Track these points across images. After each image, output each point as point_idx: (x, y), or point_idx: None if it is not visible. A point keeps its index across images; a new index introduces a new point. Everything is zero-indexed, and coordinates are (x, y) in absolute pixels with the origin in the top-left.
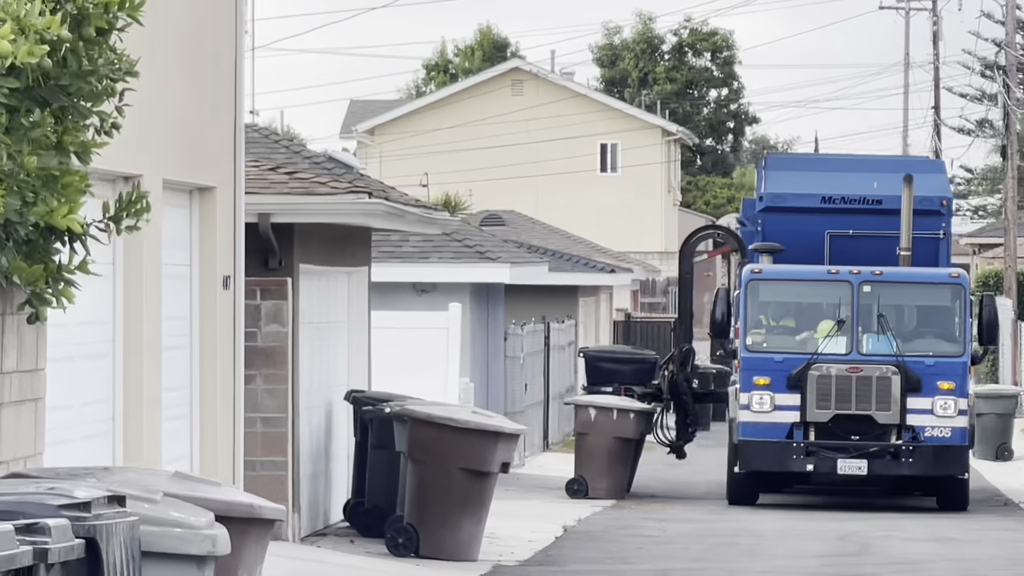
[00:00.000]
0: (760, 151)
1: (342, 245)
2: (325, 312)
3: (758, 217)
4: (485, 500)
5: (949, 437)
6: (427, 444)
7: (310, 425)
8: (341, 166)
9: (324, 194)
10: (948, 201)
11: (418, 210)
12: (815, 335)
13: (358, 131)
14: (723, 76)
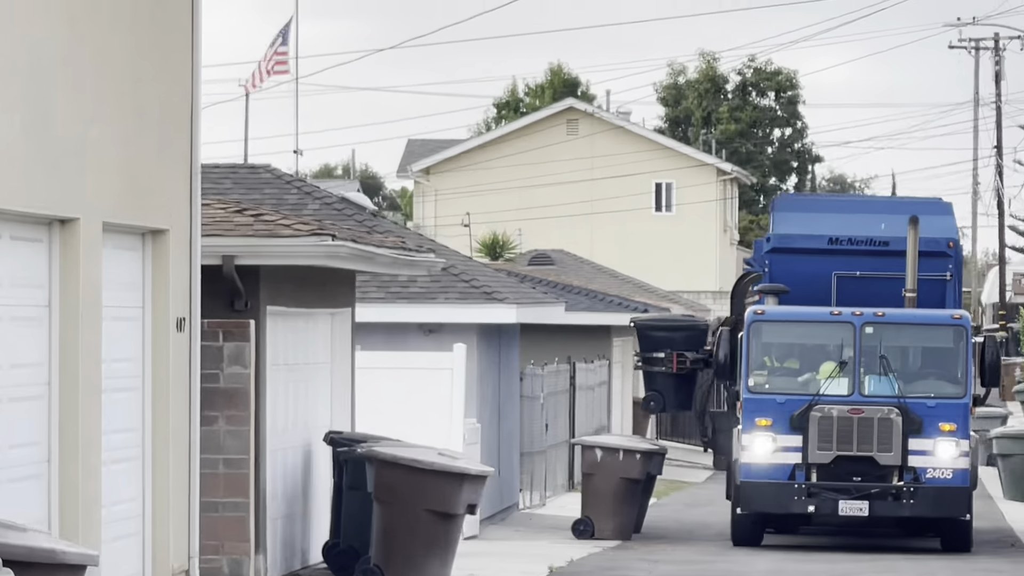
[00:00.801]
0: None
1: (321, 287)
2: (303, 353)
3: (765, 258)
4: (451, 541)
5: (951, 479)
6: (393, 485)
7: (284, 466)
8: (354, 207)
9: (287, 236)
10: (955, 243)
11: (393, 252)
12: (817, 376)
13: (412, 171)
14: (787, 115)
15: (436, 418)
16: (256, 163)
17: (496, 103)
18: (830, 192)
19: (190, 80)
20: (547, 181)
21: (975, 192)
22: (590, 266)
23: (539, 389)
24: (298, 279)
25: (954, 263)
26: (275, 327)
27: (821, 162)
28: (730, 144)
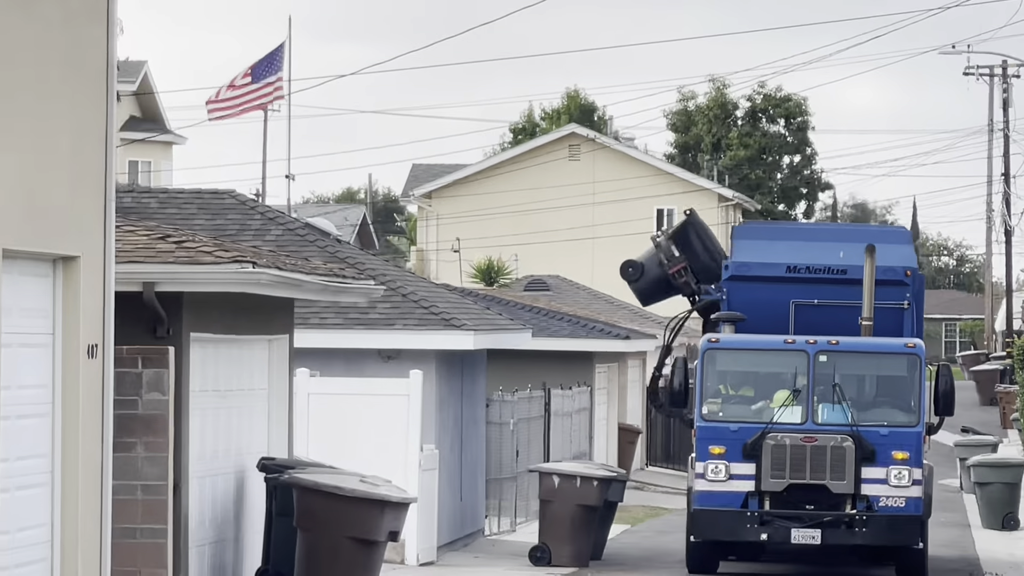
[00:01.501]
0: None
1: (255, 313)
2: (238, 379)
3: (724, 286)
4: (373, 569)
5: (903, 507)
6: (314, 512)
7: (214, 492)
8: (317, 232)
9: (208, 263)
10: (913, 271)
11: (324, 280)
12: (771, 404)
13: (414, 196)
14: (796, 142)
15: (393, 444)
16: (221, 189)
17: (512, 128)
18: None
19: (104, 108)
20: (549, 206)
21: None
22: (586, 292)
23: (509, 415)
24: (229, 306)
25: (912, 292)
26: (203, 353)
27: (830, 189)
28: (739, 170)
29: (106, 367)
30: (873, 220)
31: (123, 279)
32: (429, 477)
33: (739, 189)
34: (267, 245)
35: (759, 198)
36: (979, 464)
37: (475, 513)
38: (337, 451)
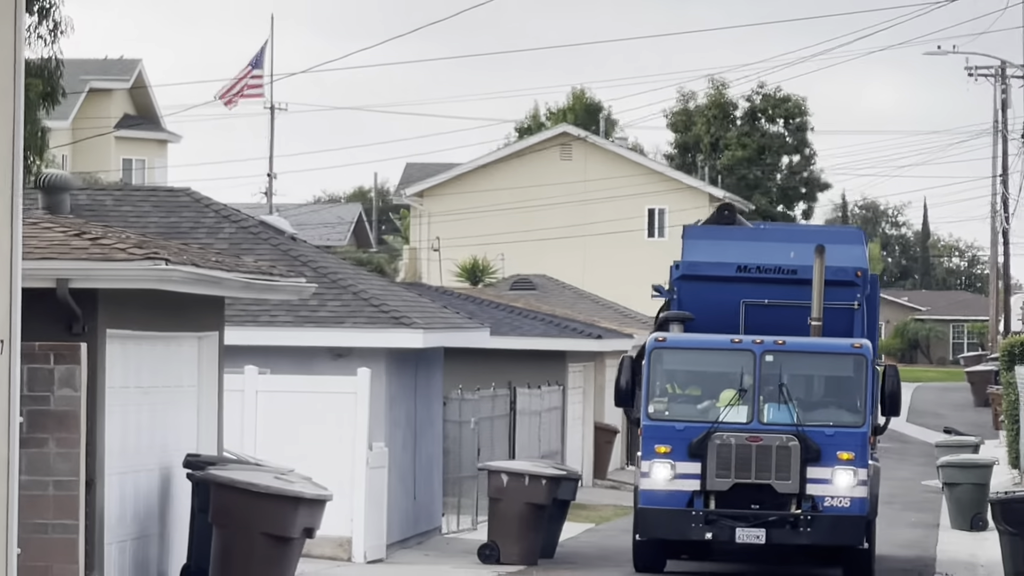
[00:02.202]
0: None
1: (182, 311)
2: (164, 376)
3: (674, 285)
4: (288, 565)
5: (848, 507)
6: (229, 509)
7: (136, 488)
8: (272, 230)
9: (121, 260)
10: (863, 272)
11: (246, 277)
12: (717, 404)
13: (406, 194)
14: (795, 143)
15: (341, 442)
16: (176, 187)
17: (518, 127)
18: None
19: (11, 106)
20: (541, 205)
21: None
22: (573, 291)
23: (470, 413)
24: (151, 303)
25: (863, 292)
26: (123, 350)
27: (829, 189)
28: (737, 170)
29: (12, 363)
30: (884, 221)
31: (37, 275)
32: (378, 475)
33: (737, 189)
34: (220, 243)
35: (758, 198)
36: (948, 465)
37: (431, 511)
38: (285, 449)
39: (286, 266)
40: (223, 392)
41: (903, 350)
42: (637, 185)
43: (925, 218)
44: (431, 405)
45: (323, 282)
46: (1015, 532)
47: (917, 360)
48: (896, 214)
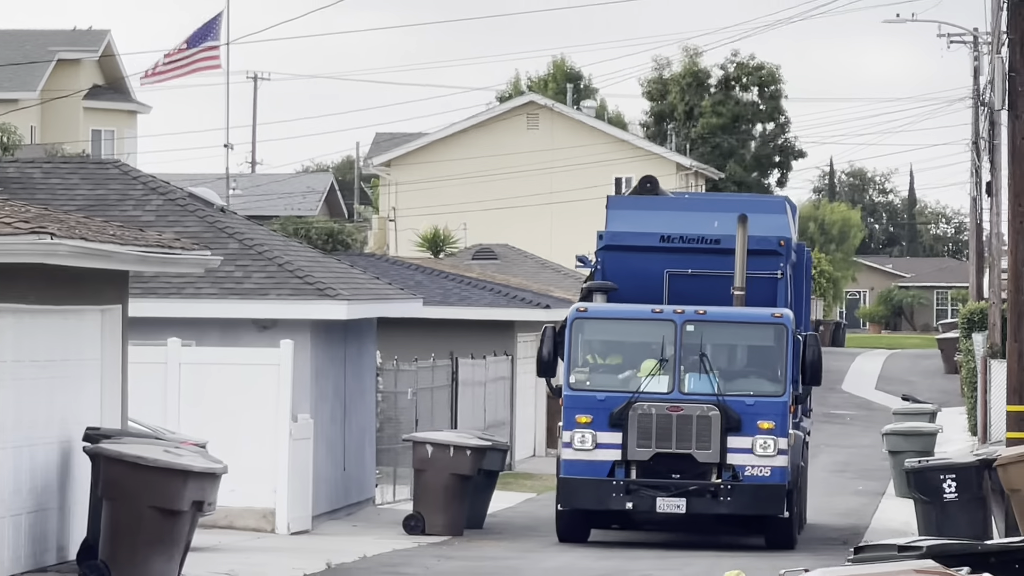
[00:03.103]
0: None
1: (80, 284)
2: (61, 349)
3: (598, 255)
4: (177, 538)
5: (768, 476)
6: (118, 482)
7: (32, 462)
8: (200, 202)
9: (7, 234)
10: (787, 241)
11: (142, 251)
12: (638, 374)
13: (373, 164)
14: (769, 110)
15: (265, 414)
16: (105, 159)
17: (499, 96)
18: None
19: None
20: (507, 174)
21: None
22: (535, 261)
23: (407, 384)
24: (48, 277)
25: (787, 261)
26: (16, 323)
27: (804, 157)
28: (712, 139)
29: None
30: (872, 188)
31: None
32: (302, 447)
33: (711, 157)
34: (146, 215)
35: (732, 166)
36: (892, 433)
37: (363, 482)
38: (210, 421)
39: (211, 237)
40: (127, 365)
41: (887, 317)
42: (604, 154)
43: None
44: (362, 376)
45: (249, 254)
46: (927, 500)
47: (901, 327)
48: (883, 181)
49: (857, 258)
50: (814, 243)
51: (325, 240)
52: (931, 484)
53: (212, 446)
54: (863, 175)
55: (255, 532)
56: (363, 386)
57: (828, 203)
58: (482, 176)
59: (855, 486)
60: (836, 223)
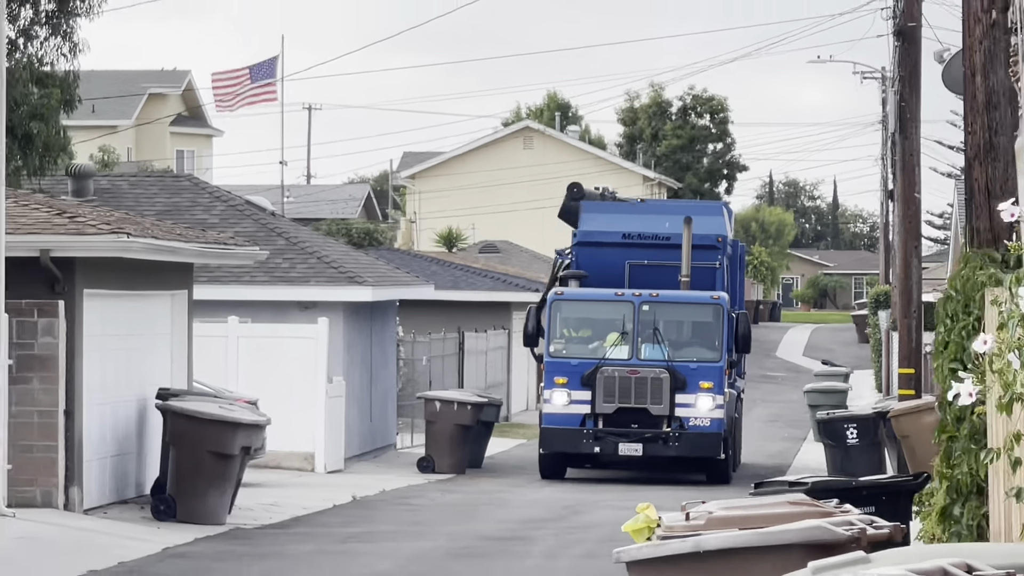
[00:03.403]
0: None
1: (154, 273)
2: (140, 325)
3: (573, 250)
4: (229, 477)
5: (708, 426)
6: (182, 432)
7: (115, 416)
8: (255, 208)
9: (91, 234)
10: (724, 238)
11: (203, 247)
12: (604, 344)
13: (400, 176)
14: (719, 133)
15: (306, 378)
16: (179, 174)
17: (504, 122)
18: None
19: None
20: (508, 184)
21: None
22: (529, 254)
23: (422, 353)
24: (128, 268)
25: (724, 254)
26: (103, 305)
27: (747, 170)
28: (673, 156)
29: None
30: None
31: (25, 247)
32: (336, 403)
33: (672, 171)
34: (212, 218)
35: (689, 178)
36: (811, 390)
37: (386, 431)
38: (262, 383)
39: (264, 236)
40: (192, 338)
41: (815, 298)
42: (584, 168)
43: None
44: (385, 347)
45: (294, 249)
46: (834, 445)
47: (826, 306)
48: (812, 189)
49: (791, 251)
50: (755, 239)
51: (363, 238)
52: (837, 432)
53: (263, 402)
54: (796, 184)
55: (298, 471)
56: (386, 355)
57: (767, 207)
58: (488, 186)
59: (783, 434)
60: (774, 223)
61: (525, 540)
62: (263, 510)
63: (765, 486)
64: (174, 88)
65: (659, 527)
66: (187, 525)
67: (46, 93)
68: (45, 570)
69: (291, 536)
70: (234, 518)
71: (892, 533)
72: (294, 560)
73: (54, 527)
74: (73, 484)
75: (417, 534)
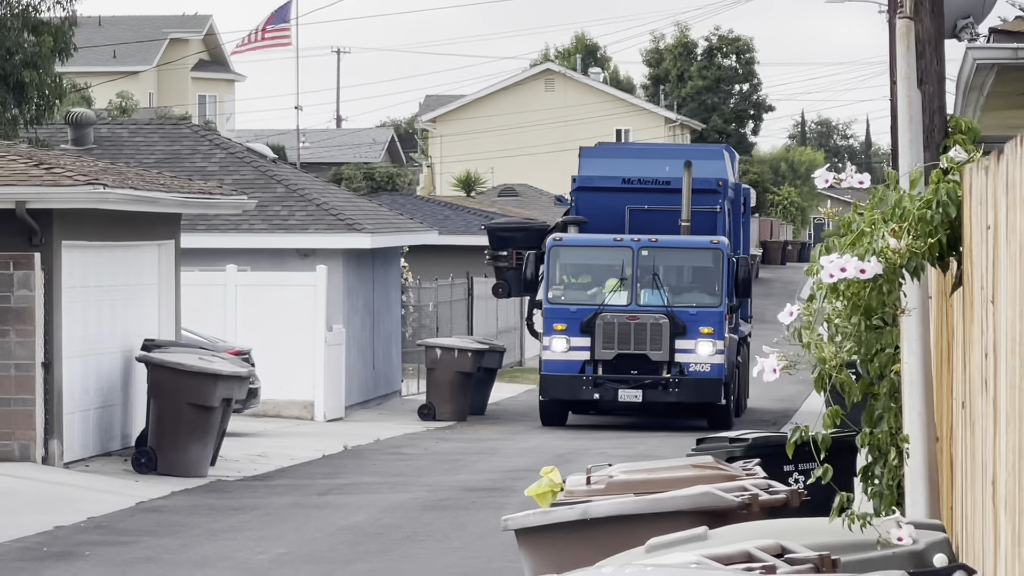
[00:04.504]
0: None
1: (138, 224)
2: (123, 276)
3: (573, 195)
4: (211, 428)
5: (708, 372)
6: (162, 384)
7: (99, 368)
8: (255, 155)
9: (67, 185)
10: (724, 182)
11: (183, 196)
12: (603, 290)
13: (421, 120)
14: (744, 73)
15: (305, 325)
16: (179, 120)
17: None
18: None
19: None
20: (529, 127)
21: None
22: (548, 198)
23: (428, 299)
24: (111, 219)
25: (725, 198)
26: (84, 256)
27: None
28: (698, 98)
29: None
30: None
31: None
32: (335, 351)
33: (697, 113)
34: (211, 166)
35: (715, 119)
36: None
37: (390, 378)
38: (260, 331)
39: (263, 183)
40: (180, 289)
41: None
42: (606, 110)
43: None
44: (388, 293)
45: (293, 196)
46: None
47: None
48: (845, 128)
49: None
50: (785, 179)
51: (385, 182)
52: None
53: (261, 351)
54: (829, 124)
55: (297, 420)
56: (389, 301)
57: (798, 147)
58: (509, 129)
59: (798, 377)
60: (804, 163)
61: (505, 491)
62: (249, 461)
63: (707, 442)
64: (195, 33)
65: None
66: (167, 478)
67: (40, 41)
68: (6, 525)
69: (271, 488)
70: (217, 470)
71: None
72: (267, 514)
73: (28, 481)
74: (53, 437)
75: (399, 485)
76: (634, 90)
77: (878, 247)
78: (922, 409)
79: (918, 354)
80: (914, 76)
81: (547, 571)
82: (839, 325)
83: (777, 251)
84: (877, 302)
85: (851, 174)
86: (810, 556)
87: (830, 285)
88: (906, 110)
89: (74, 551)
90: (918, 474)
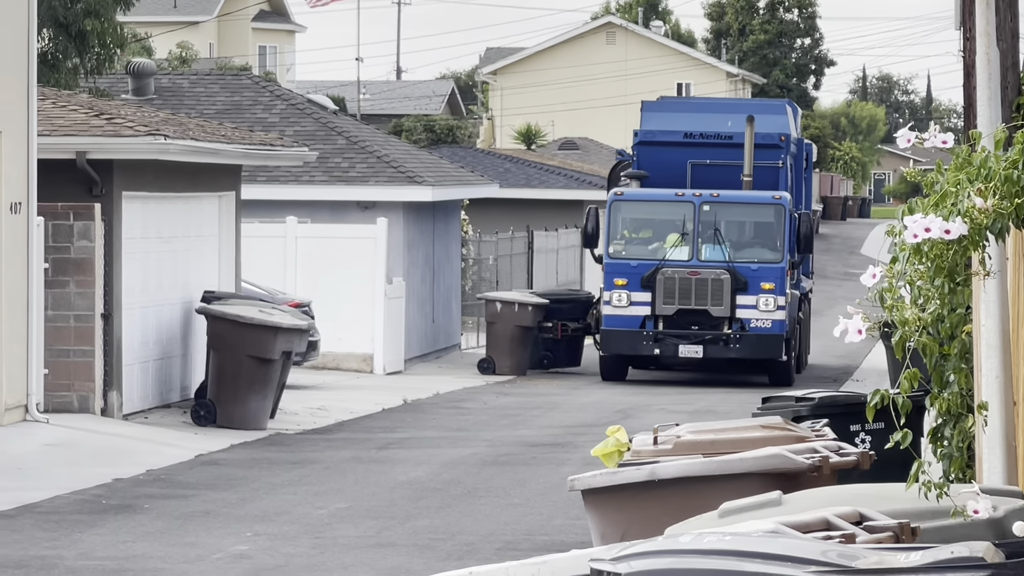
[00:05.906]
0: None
1: (199, 175)
2: (184, 227)
3: (634, 150)
4: (270, 381)
5: (770, 327)
6: (222, 336)
7: (158, 319)
8: (316, 106)
9: (128, 136)
10: (787, 137)
11: (245, 148)
12: (664, 245)
13: (482, 73)
14: (806, 28)
15: (364, 278)
16: (240, 70)
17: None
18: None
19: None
20: (590, 80)
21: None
22: (608, 151)
23: (489, 253)
24: (171, 170)
25: (787, 153)
26: (144, 207)
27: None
28: (760, 52)
29: (30, 220)
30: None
31: (60, 149)
32: (395, 304)
33: (758, 67)
34: (272, 117)
35: (776, 74)
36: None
37: (450, 331)
38: (321, 284)
39: (324, 135)
40: (240, 240)
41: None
42: (667, 64)
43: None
44: (449, 246)
45: (354, 148)
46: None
47: None
48: (906, 84)
49: (882, 146)
50: (846, 135)
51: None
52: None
53: (321, 303)
54: (890, 79)
55: (357, 373)
56: (449, 254)
57: (858, 102)
58: (570, 82)
59: None
60: (865, 119)
61: (566, 447)
62: (308, 414)
63: (773, 400)
64: None
65: (628, 451)
66: (226, 430)
67: None
68: (66, 477)
69: (331, 442)
70: (276, 423)
71: (859, 460)
72: (326, 468)
73: (87, 432)
74: (112, 389)
75: (459, 439)
76: (695, 44)
77: (963, 207)
78: (1000, 373)
79: (996, 317)
80: (993, 33)
81: (614, 531)
82: (921, 287)
83: (837, 207)
84: (961, 264)
85: (935, 133)
86: (890, 524)
87: (913, 246)
88: (984, 67)
89: (133, 504)
90: (996, 440)
